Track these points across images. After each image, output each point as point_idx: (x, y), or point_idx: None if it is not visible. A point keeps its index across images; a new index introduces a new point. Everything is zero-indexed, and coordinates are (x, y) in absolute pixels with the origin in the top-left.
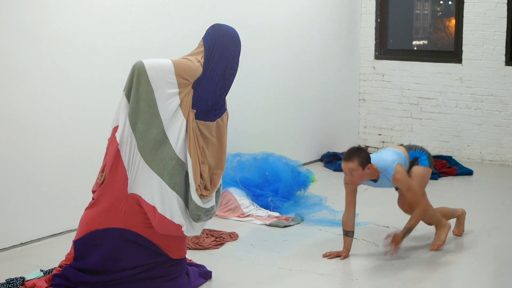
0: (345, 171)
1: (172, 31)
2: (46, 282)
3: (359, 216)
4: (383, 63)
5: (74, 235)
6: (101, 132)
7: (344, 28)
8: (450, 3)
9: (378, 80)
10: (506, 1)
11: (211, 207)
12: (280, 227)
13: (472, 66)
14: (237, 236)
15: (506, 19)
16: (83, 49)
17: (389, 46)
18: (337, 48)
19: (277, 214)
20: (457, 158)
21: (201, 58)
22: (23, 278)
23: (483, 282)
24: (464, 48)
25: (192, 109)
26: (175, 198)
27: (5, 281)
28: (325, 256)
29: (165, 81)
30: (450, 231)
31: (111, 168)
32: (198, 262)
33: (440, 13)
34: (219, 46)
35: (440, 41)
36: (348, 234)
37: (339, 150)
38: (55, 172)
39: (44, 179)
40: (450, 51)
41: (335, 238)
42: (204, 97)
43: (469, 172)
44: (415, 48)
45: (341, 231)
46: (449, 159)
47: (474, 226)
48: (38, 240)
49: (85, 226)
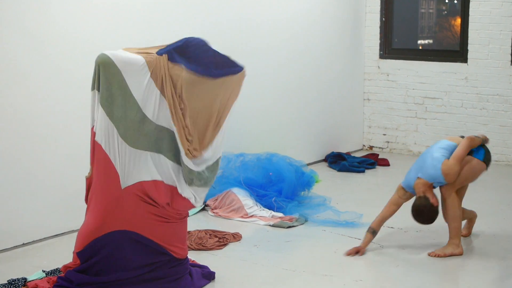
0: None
1: (174, 31)
2: (49, 283)
3: (363, 216)
4: (388, 62)
5: (76, 236)
6: None
7: (349, 27)
8: (455, 2)
9: (383, 80)
10: None
11: (203, 171)
12: (283, 227)
13: (477, 65)
14: (241, 237)
15: None
16: (84, 49)
17: (394, 46)
18: (341, 48)
19: (280, 214)
20: None
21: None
22: (25, 279)
23: (489, 283)
24: (469, 47)
25: (184, 68)
26: (169, 165)
27: (7, 282)
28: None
29: (128, 59)
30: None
31: (98, 170)
32: (202, 263)
33: (445, 12)
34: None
35: (446, 40)
36: (370, 230)
37: (343, 150)
38: (57, 173)
39: (46, 179)
40: (455, 51)
41: (339, 239)
42: (190, 63)
43: None
44: (420, 48)
45: (345, 231)
46: None
47: (480, 227)
48: (40, 240)
49: (84, 238)
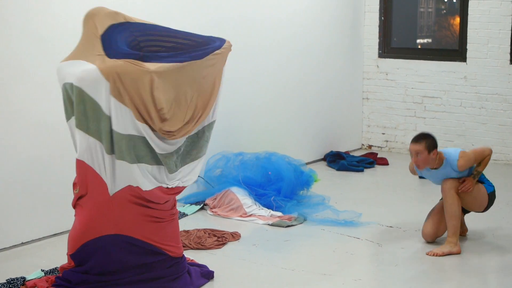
0: (411, 153)
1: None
2: (47, 282)
3: (362, 216)
4: (387, 61)
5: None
6: None
7: (348, 26)
8: (454, 1)
9: (382, 79)
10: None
11: (178, 148)
12: (282, 226)
13: (476, 64)
14: (240, 236)
15: (511, 17)
16: None
17: (393, 45)
18: (340, 47)
19: (279, 213)
20: None
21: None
22: (24, 278)
23: (487, 282)
24: (468, 46)
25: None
26: (150, 169)
27: (5, 281)
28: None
29: (85, 75)
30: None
31: (84, 183)
32: (200, 262)
33: (444, 11)
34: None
35: (445, 40)
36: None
37: (342, 149)
38: (56, 172)
39: (45, 178)
40: (454, 50)
41: (338, 238)
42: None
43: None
44: (419, 47)
45: (344, 230)
46: None
47: (478, 226)
48: (39, 239)
49: (74, 242)
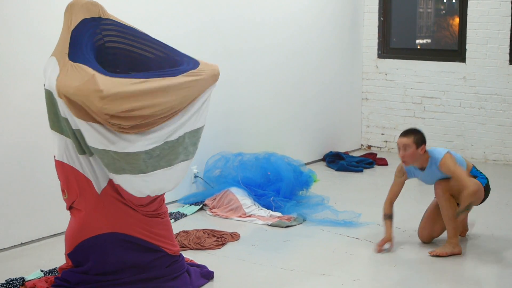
0: (399, 147)
1: (173, 30)
2: (47, 282)
3: (361, 216)
4: (386, 62)
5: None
6: None
7: (347, 27)
8: (453, 1)
9: (381, 79)
10: (510, 0)
11: (151, 150)
12: (282, 227)
13: (476, 65)
14: (239, 236)
15: (510, 17)
16: None
17: (392, 45)
18: (339, 47)
19: (279, 214)
20: None
21: None
22: (23, 279)
23: (487, 283)
24: (467, 46)
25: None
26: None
27: (5, 282)
28: (378, 251)
29: (51, 75)
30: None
31: (70, 184)
32: (200, 262)
33: (443, 11)
34: None
35: (444, 40)
36: (385, 217)
37: (341, 149)
38: (55, 172)
39: (44, 178)
40: (453, 50)
41: (338, 238)
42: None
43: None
44: (418, 47)
45: (343, 231)
46: None
47: (478, 227)
48: (38, 240)
49: (71, 241)
